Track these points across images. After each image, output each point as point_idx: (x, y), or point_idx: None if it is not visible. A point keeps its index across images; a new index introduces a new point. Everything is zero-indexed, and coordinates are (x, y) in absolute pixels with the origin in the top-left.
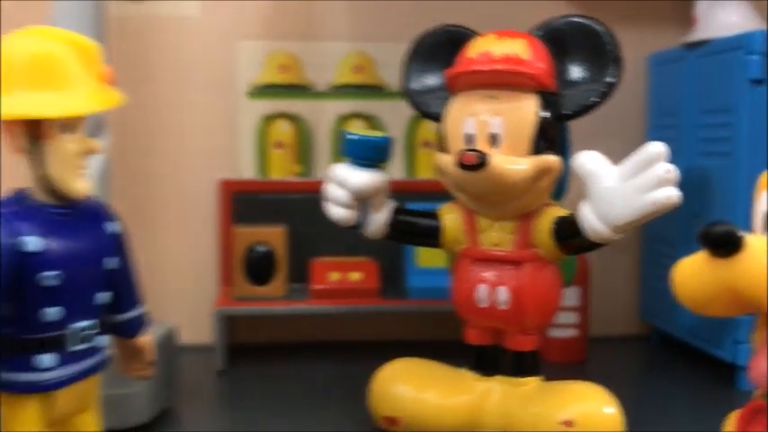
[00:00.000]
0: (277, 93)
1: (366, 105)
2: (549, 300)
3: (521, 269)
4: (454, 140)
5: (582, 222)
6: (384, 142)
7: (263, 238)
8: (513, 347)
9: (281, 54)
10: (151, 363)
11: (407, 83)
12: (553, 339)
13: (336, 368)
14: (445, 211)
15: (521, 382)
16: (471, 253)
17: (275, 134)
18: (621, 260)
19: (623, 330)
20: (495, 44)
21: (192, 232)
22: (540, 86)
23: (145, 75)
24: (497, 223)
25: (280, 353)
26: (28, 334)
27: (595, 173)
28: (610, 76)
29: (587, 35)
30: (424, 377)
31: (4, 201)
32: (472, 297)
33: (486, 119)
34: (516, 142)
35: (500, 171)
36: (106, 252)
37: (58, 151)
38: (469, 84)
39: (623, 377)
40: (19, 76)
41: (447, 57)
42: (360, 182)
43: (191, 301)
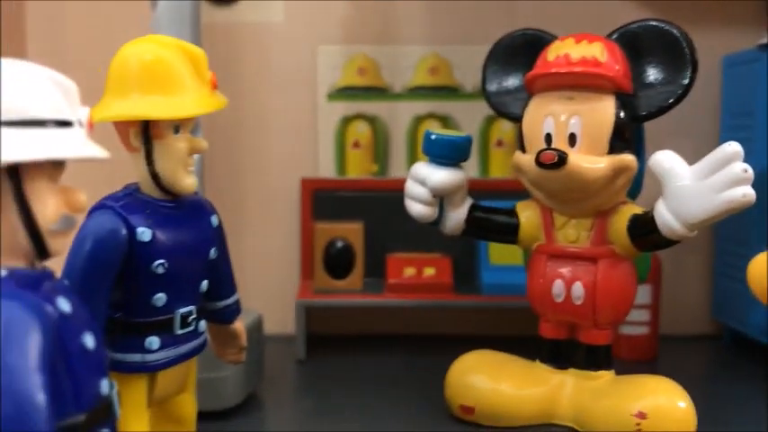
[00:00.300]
0: (355, 95)
1: (441, 106)
2: (623, 295)
3: (596, 265)
4: (533, 140)
5: (657, 220)
6: (464, 141)
7: (342, 234)
8: (587, 341)
9: (360, 57)
10: (243, 348)
11: (486, 84)
12: (624, 337)
13: (410, 360)
14: (522, 209)
15: (594, 375)
16: (547, 249)
17: (353, 134)
18: (693, 259)
19: (694, 329)
20: (574, 47)
21: (275, 228)
22: (617, 88)
23: (231, 79)
24: (574, 220)
25: (356, 344)
26: (138, 318)
27: (672, 171)
28: (685, 78)
29: (664, 38)
30: (500, 368)
31: (117, 195)
32: (548, 292)
33: (564, 119)
34: (593, 142)
35: (578, 169)
36: (209, 243)
37: (168, 150)
38: (548, 85)
39: (694, 376)
40: (134, 81)
41: (525, 59)
42: (440, 179)
43: (273, 292)
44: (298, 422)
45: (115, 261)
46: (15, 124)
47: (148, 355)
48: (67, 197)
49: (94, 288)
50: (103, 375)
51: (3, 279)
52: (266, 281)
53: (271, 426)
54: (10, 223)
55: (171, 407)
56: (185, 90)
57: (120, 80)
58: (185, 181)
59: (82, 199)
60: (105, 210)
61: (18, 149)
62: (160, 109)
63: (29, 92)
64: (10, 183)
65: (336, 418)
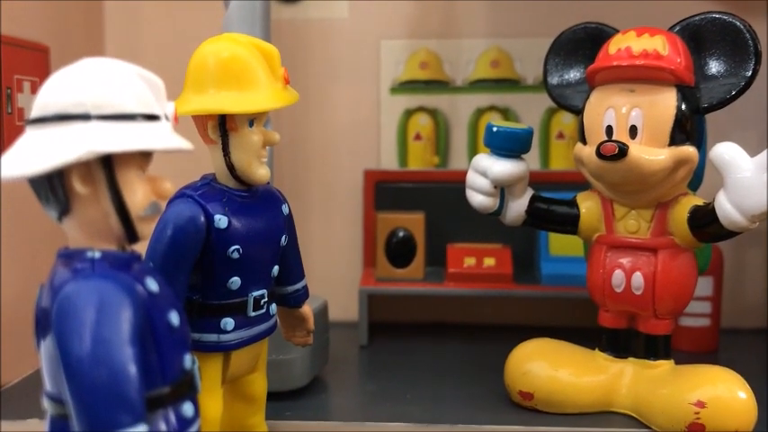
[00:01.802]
0: (417, 88)
1: (502, 98)
2: (683, 286)
3: (656, 256)
4: (594, 132)
5: (718, 211)
6: (525, 133)
7: (404, 224)
8: (647, 331)
9: (422, 52)
10: (311, 331)
11: (548, 77)
12: (684, 328)
13: (469, 348)
14: (583, 199)
15: (653, 364)
16: (608, 240)
17: (415, 127)
18: (755, 251)
19: (756, 323)
20: (635, 40)
21: (340, 218)
22: (679, 80)
23: (298, 74)
24: (634, 211)
25: (416, 331)
26: (214, 300)
27: (733, 163)
28: (748, 70)
29: (726, 30)
30: (559, 356)
31: (196, 185)
32: (608, 282)
33: (625, 111)
34: (655, 134)
35: (639, 161)
36: (281, 231)
37: (244, 142)
38: (609, 78)
39: (755, 369)
40: (212, 77)
41: (587, 52)
42: (502, 170)
43: (337, 280)
44: (361, 405)
45: (194, 246)
46: (109, 118)
47: (223, 336)
48: (155, 185)
49: (175, 271)
50: (187, 351)
51: (97, 261)
52: (331, 269)
53: (335, 407)
54: (103, 209)
55: (243, 385)
56: (259, 85)
57: (199, 76)
58: (259, 172)
59: (168, 187)
60: (185, 198)
61: (111, 141)
62: (236, 103)
63: (120, 88)
64: (104, 172)
65: (397, 401)
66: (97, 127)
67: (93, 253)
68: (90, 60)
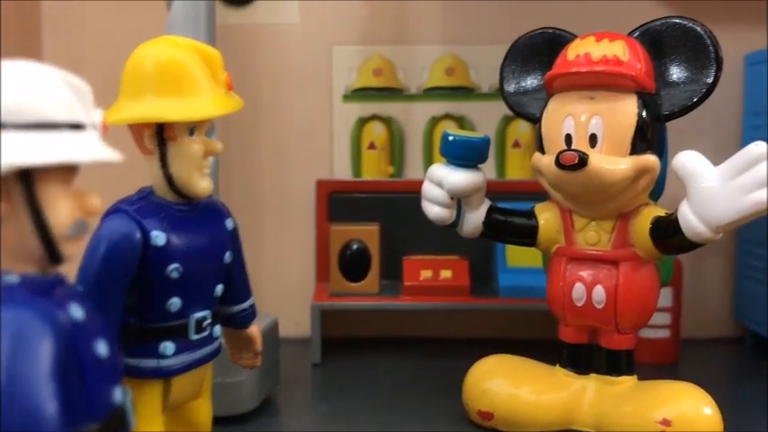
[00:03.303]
0: (371, 96)
1: (457, 107)
2: (646, 299)
3: (618, 268)
4: (552, 141)
5: (681, 222)
6: (482, 142)
7: (358, 236)
8: (609, 346)
9: (375, 58)
10: (259, 353)
11: (504, 84)
12: (644, 340)
13: (427, 363)
14: (541, 210)
15: (616, 380)
16: (567, 252)
17: (369, 136)
18: (714, 261)
19: (716, 332)
20: (594, 46)
21: (291, 230)
22: (639, 87)
23: (246, 80)
24: (594, 222)
25: (372, 347)
26: (153, 323)
27: (696, 172)
28: (709, 76)
29: (687, 36)
30: (519, 373)
31: (131, 198)
32: (568, 296)
33: (584, 119)
34: (615, 142)
35: (599, 171)
36: (225, 247)
37: (183, 152)
38: (568, 85)
39: (716, 380)
40: (149, 83)
41: (544, 59)
42: (458, 181)
43: (289, 295)
44: (314, 426)
45: (130, 266)
46: (27, 127)
47: (163, 361)
48: (81, 201)
49: (109, 293)
50: (116, 383)
51: (15, 286)
52: (282, 283)
53: (287, 430)
54: (21, 229)
55: (186, 412)
56: (200, 91)
57: (135, 82)
58: (200, 184)
59: (96, 203)
60: (119, 214)
61: (30, 153)
62: (175, 111)
63: (41, 94)
64: (21, 187)
65: (352, 421)
66: (13, 137)
67: (10, 277)
68: (6, 63)
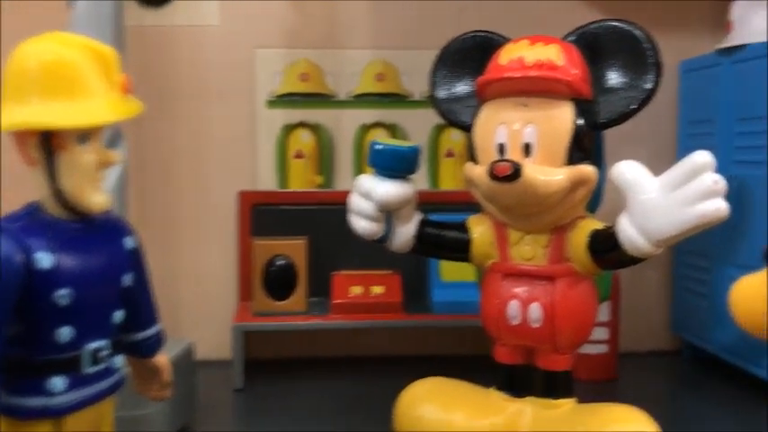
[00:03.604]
0: (297, 102)
1: (388, 114)
2: (584, 317)
3: (554, 285)
4: (485, 150)
5: (620, 236)
6: (412, 152)
7: (283, 251)
8: (546, 367)
9: (302, 62)
10: (169, 383)
11: (435, 91)
12: (582, 356)
13: (358, 384)
14: (475, 224)
15: (554, 404)
16: (502, 268)
17: (296, 144)
18: (652, 273)
19: (654, 345)
20: (528, 50)
21: (211, 245)
22: (575, 93)
23: (162, 85)
24: (529, 236)
25: (299, 368)
26: (39, 355)
27: (636, 183)
28: (648, 82)
29: (625, 39)
30: (452, 398)
31: (15, 215)
32: (503, 314)
33: (518, 128)
34: (550, 152)
35: (534, 182)
36: (123, 269)
37: (74, 163)
38: (501, 91)
39: (655, 394)
40: (33, 84)
41: (476, 64)
42: (386, 193)
43: (209, 316)
44: None
45: (9, 291)
46: None
47: (52, 399)
48: None
49: None
50: None
51: None
52: (201, 303)
53: None
54: None
55: None
56: (91, 95)
57: (18, 83)
58: (93, 198)
59: None
60: None
61: None
62: (62, 116)
63: None
64: None
65: None
66: None
67: None
68: None
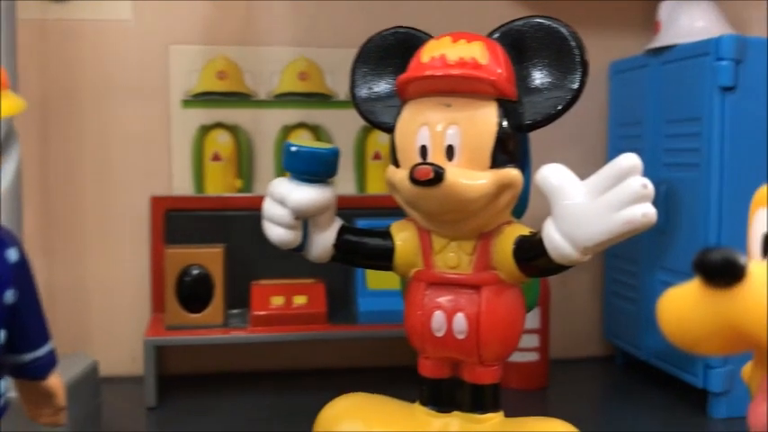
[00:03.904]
0: (215, 101)
1: (312, 115)
2: (510, 327)
3: (480, 294)
4: (406, 153)
5: (546, 242)
6: (330, 154)
7: (198, 260)
8: (473, 380)
9: (219, 60)
10: (63, 407)
11: (355, 90)
12: (512, 364)
13: (280, 400)
14: (398, 230)
15: (481, 418)
16: (426, 276)
17: (213, 146)
18: (582, 278)
19: (586, 352)
20: (450, 47)
21: (121, 254)
22: (500, 93)
23: (70, 82)
24: (454, 243)
25: (218, 385)
26: None
27: (561, 188)
28: (575, 82)
29: (550, 37)
30: (374, 414)
31: None
32: (427, 325)
33: (441, 129)
34: (474, 155)
35: (456, 186)
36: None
37: None
38: (422, 90)
39: (587, 403)
40: None
41: (398, 61)
42: (302, 199)
43: (119, 329)
44: None
45: None
46: None
47: None
48: None
49: None
50: None
51: None
52: (112, 315)
53: None
54: None
55: None
56: None
57: None
58: None
59: None
60: None
61: None
62: None
63: None
64: None
65: None
66: None
67: None
68: None
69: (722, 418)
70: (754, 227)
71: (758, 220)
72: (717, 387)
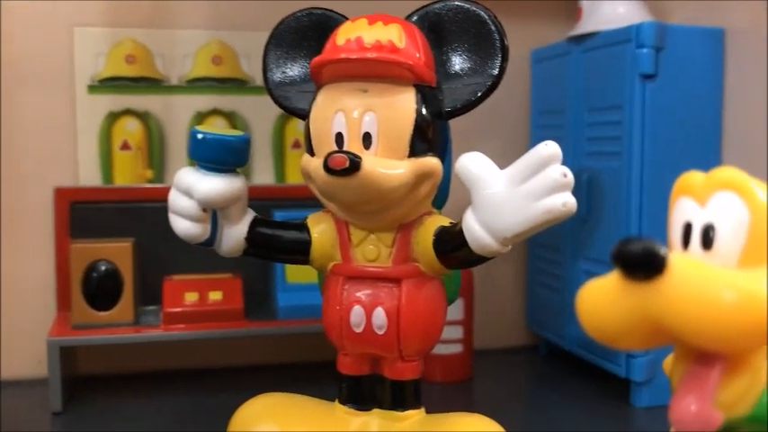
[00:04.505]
0: (123, 87)
1: (227, 101)
2: (432, 321)
3: (400, 287)
4: (321, 140)
5: (466, 233)
6: (239, 142)
7: (106, 255)
8: (393, 377)
9: (128, 43)
10: None
11: (268, 74)
12: (436, 357)
13: (195, 400)
14: (314, 222)
15: (401, 416)
16: (345, 270)
17: (121, 134)
18: (506, 267)
19: (510, 342)
20: (367, 30)
21: (24, 249)
22: (418, 79)
23: None
24: (373, 235)
25: (130, 385)
26: None
27: (481, 177)
28: (495, 67)
29: (470, 22)
30: (291, 414)
31: None
32: (346, 321)
33: (357, 115)
34: (392, 143)
35: (374, 176)
36: None
37: None
38: (338, 74)
39: (511, 394)
40: None
41: (313, 44)
42: (209, 189)
43: (23, 328)
44: None
45: None
46: None
47: None
48: None
49: None
50: None
51: None
52: (14, 315)
53: None
54: None
55: None
56: None
57: None
58: None
59: None
60: None
61: None
62: None
63: None
64: None
65: None
66: None
67: None
68: None
69: (644, 407)
70: (674, 216)
71: (678, 209)
72: (639, 376)
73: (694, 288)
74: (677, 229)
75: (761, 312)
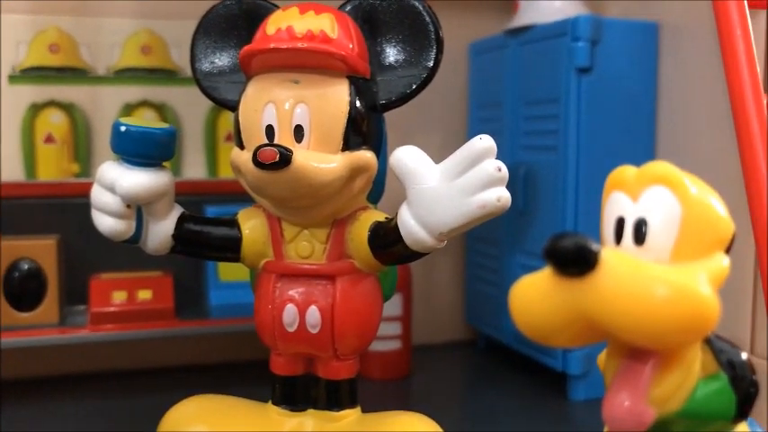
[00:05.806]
0: (47, 77)
1: (156, 92)
2: (367, 319)
3: (335, 284)
4: (251, 133)
5: (401, 229)
6: (164, 134)
7: (29, 253)
8: (328, 376)
9: (52, 31)
10: None
11: (196, 63)
12: (373, 354)
13: (124, 402)
14: (245, 218)
15: (337, 416)
16: (277, 267)
17: (45, 126)
18: (444, 261)
19: (449, 337)
20: (298, 19)
21: None
22: (352, 70)
23: None
24: (306, 231)
25: (56, 388)
26: None
27: (415, 172)
28: (430, 59)
29: (405, 12)
30: (222, 416)
31: None
32: (279, 320)
33: (288, 107)
34: (324, 136)
35: (305, 170)
36: None
37: None
38: (268, 65)
39: (449, 389)
40: None
41: (243, 33)
42: (133, 184)
43: None
44: None
45: None
46: None
47: None
48: None
49: None
50: None
51: None
52: None
53: None
54: None
55: None
56: None
57: None
58: None
59: None
60: None
61: None
62: None
63: None
64: None
65: None
66: None
67: None
68: None
69: (582, 400)
70: (607, 211)
71: (611, 203)
72: (575, 370)
73: (626, 284)
74: (610, 224)
75: (693, 307)
